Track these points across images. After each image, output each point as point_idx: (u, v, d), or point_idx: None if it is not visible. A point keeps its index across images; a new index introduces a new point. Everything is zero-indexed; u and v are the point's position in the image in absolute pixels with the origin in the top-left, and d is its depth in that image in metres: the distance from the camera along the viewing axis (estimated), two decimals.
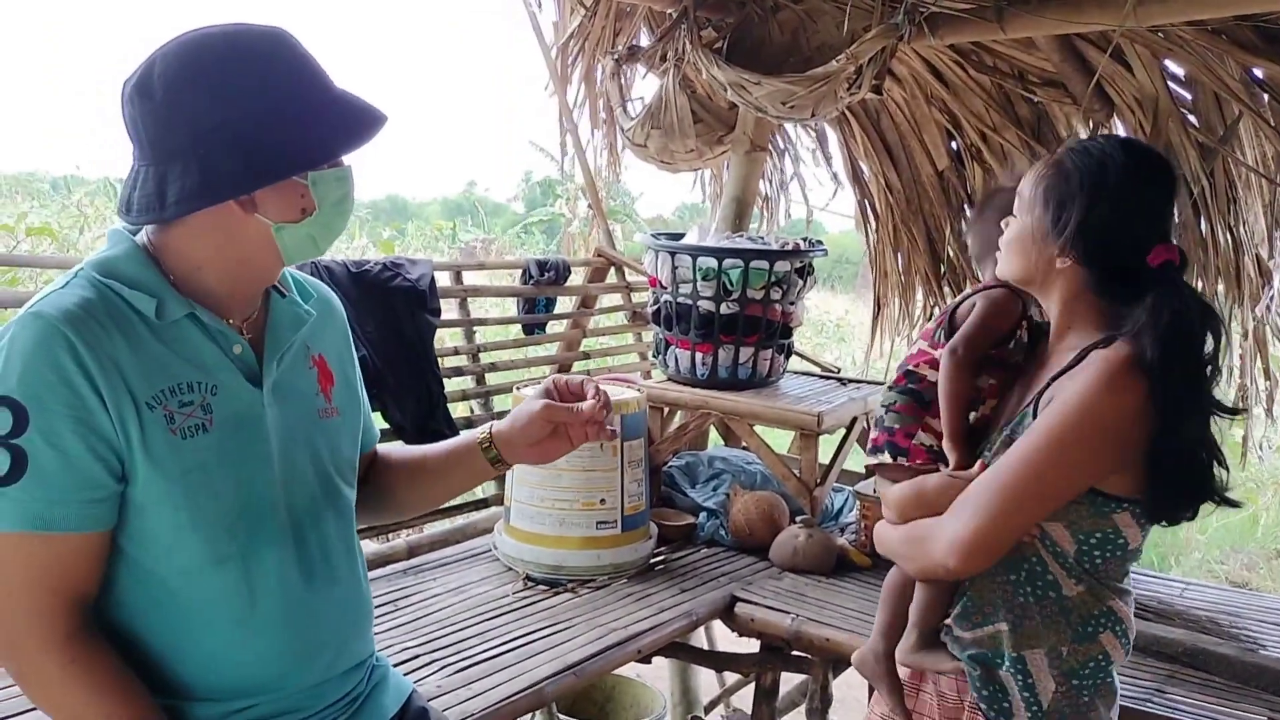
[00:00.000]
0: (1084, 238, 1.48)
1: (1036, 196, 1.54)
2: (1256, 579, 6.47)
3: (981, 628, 1.59)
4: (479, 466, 1.59)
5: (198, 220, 1.31)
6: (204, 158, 1.26)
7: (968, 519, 1.47)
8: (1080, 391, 1.42)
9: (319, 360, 1.52)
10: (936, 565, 1.51)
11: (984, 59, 3.55)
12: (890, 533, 1.67)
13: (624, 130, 3.85)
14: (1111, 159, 1.48)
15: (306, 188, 1.34)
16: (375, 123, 1.34)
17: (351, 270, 3.09)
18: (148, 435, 1.27)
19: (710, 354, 3.20)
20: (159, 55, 1.29)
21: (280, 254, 1.38)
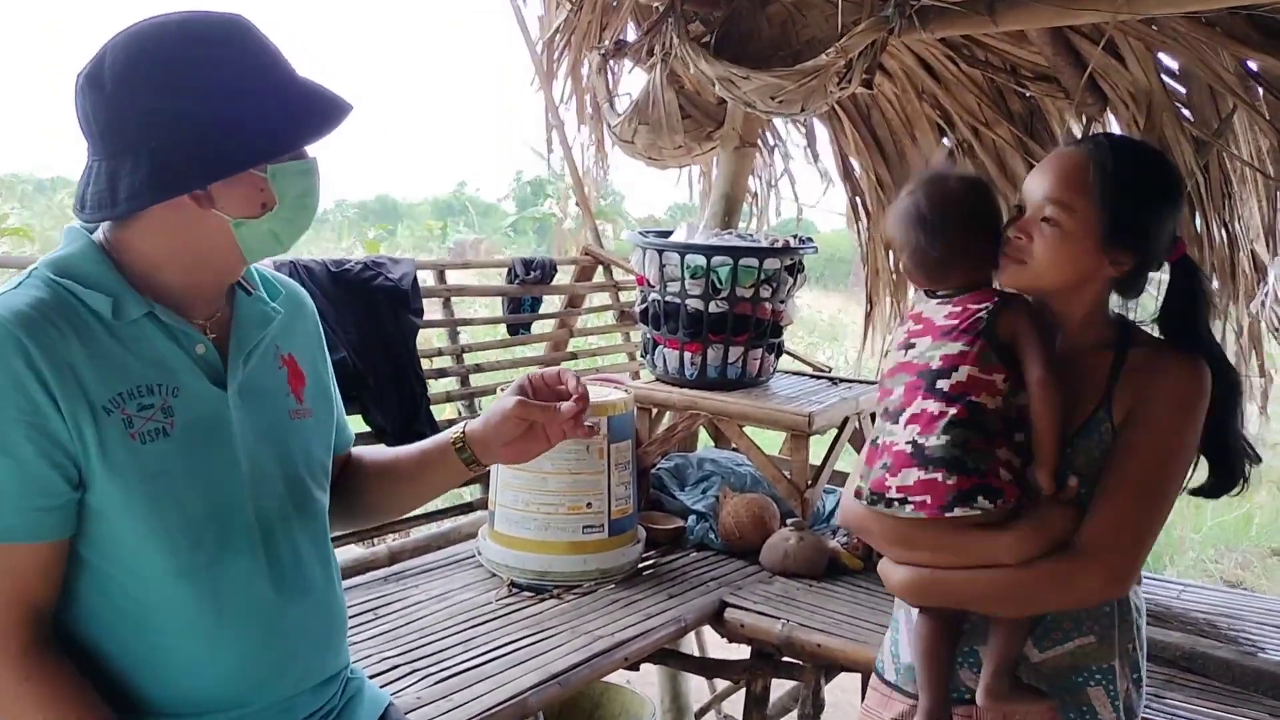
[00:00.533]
0: (1141, 238, 1.48)
1: (1089, 199, 1.47)
2: (1251, 578, 6.45)
3: (1061, 645, 1.53)
4: (453, 468, 1.54)
5: (153, 216, 1.26)
6: (155, 151, 1.21)
7: (1122, 537, 1.45)
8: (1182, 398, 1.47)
9: (288, 359, 1.46)
10: (1095, 594, 1.48)
11: (975, 53, 3.50)
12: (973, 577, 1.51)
13: (611, 127, 3.79)
14: (1148, 157, 1.52)
15: (266, 181, 1.28)
16: (339, 112, 1.29)
17: (331, 270, 3.03)
18: (105, 440, 1.22)
19: (699, 353, 3.14)
20: (110, 46, 1.24)
21: (241, 251, 1.32)
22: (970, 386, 1.50)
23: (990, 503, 1.46)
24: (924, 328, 1.58)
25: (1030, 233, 1.51)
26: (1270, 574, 6.55)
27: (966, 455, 1.46)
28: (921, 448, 1.49)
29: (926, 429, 1.49)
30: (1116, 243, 1.48)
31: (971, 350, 1.51)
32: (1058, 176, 1.50)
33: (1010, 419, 1.50)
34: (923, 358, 1.55)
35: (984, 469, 1.47)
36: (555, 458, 2.72)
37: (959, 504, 1.46)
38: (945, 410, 1.49)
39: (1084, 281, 1.52)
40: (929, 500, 1.48)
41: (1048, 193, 1.50)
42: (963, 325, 1.53)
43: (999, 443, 1.48)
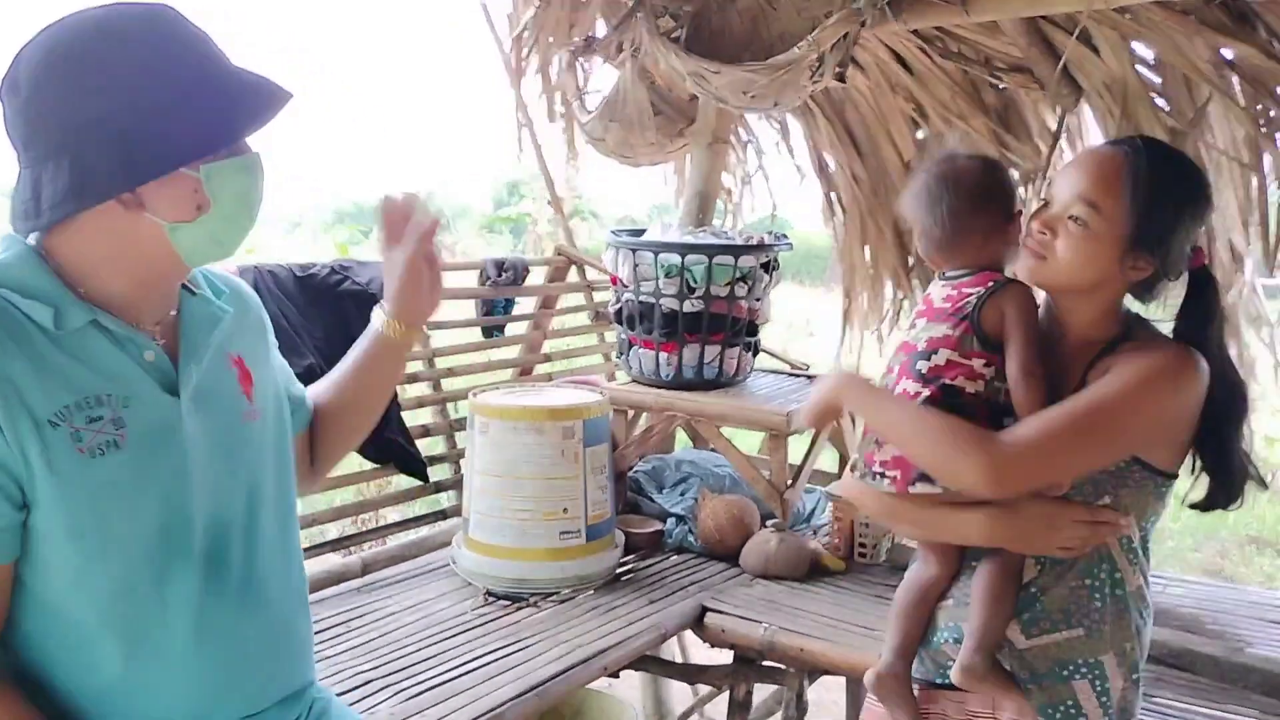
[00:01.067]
0: (1164, 246, 1.47)
1: (1120, 202, 1.46)
2: (1229, 566, 6.47)
3: (1050, 635, 1.53)
4: (393, 347, 1.52)
5: (84, 223, 1.20)
6: (75, 157, 1.15)
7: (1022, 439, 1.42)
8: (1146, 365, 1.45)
9: (238, 360, 1.41)
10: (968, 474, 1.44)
11: (949, 45, 3.47)
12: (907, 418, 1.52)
13: (582, 125, 3.74)
14: (1184, 165, 1.52)
15: (199, 181, 1.22)
16: (271, 103, 1.22)
17: (298, 274, 2.97)
18: (52, 456, 1.16)
19: (675, 354, 3.10)
20: (27, 48, 1.18)
21: (180, 256, 1.26)
22: (946, 369, 1.53)
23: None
24: (926, 308, 1.62)
25: (1055, 228, 1.50)
26: (1249, 562, 6.57)
27: None
28: None
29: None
30: (1139, 248, 1.47)
31: (953, 334, 1.55)
32: (1090, 175, 1.49)
33: (995, 403, 1.52)
34: (915, 338, 1.59)
35: None
36: (530, 463, 2.67)
37: (921, 480, 1.51)
38: (920, 391, 1.53)
39: (1100, 284, 1.52)
40: (899, 475, 1.54)
41: (1078, 190, 1.48)
42: (953, 308, 1.56)
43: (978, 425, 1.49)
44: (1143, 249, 1.47)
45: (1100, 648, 1.52)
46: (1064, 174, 1.53)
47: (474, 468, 2.76)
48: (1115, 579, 1.52)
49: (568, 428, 2.69)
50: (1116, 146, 1.51)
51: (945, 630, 1.62)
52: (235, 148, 1.25)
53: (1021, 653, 1.54)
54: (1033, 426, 1.44)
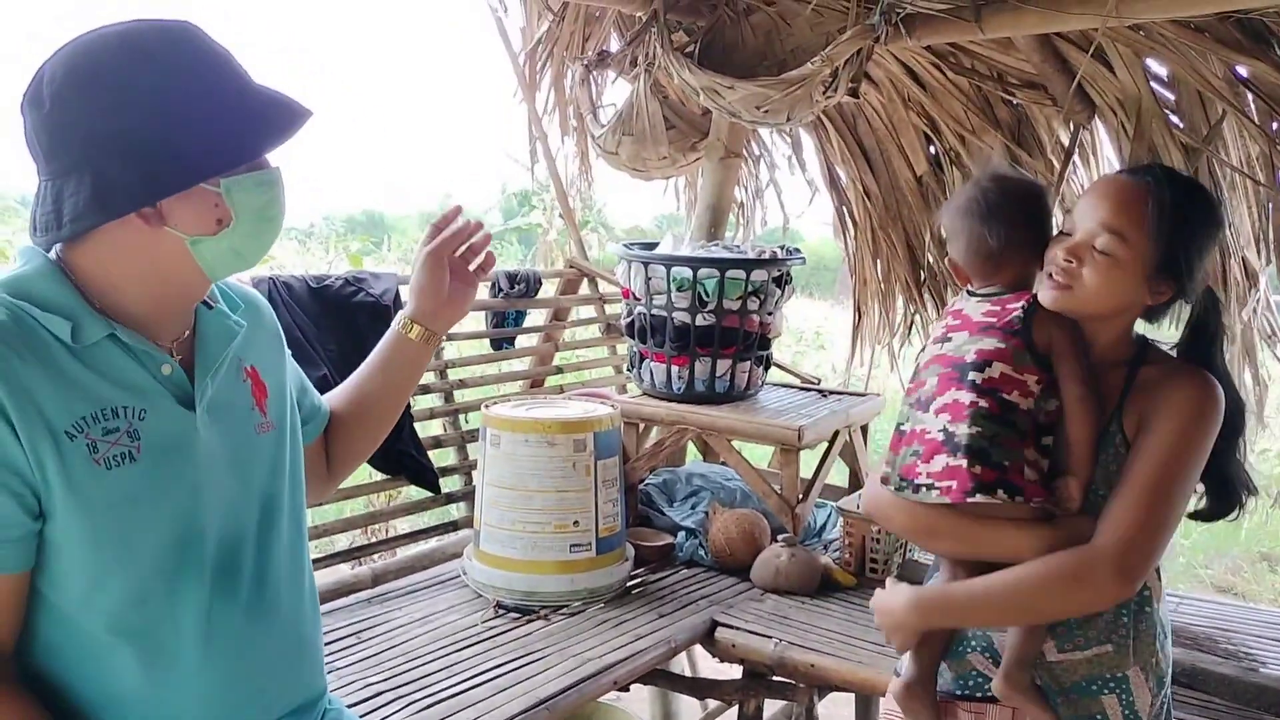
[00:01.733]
0: (1186, 273, 1.51)
1: (1146, 231, 1.49)
2: (1241, 583, 6.43)
3: (1082, 651, 1.54)
4: (413, 352, 1.56)
5: (104, 237, 1.21)
6: (97, 170, 1.16)
7: (1133, 536, 1.44)
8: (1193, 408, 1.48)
9: (251, 372, 1.42)
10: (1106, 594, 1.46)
11: (962, 60, 3.47)
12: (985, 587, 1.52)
13: (595, 138, 3.75)
14: (1204, 193, 1.55)
15: (219, 196, 1.23)
16: (292, 120, 1.23)
17: (312, 286, 2.98)
18: (68, 467, 1.17)
19: (686, 367, 3.10)
20: (49, 63, 1.19)
21: (202, 269, 1.26)
22: (1002, 383, 1.53)
23: (1009, 497, 1.48)
24: (961, 323, 1.62)
25: (1081, 257, 1.51)
26: (1260, 579, 6.53)
27: (993, 448, 1.50)
28: (952, 435, 1.52)
29: (957, 418, 1.52)
30: (1163, 275, 1.51)
31: (1006, 347, 1.54)
32: (1115, 205, 1.51)
33: (1039, 422, 1.54)
34: (958, 351, 1.58)
35: (1007, 464, 1.49)
36: (541, 475, 2.67)
37: (981, 491, 1.48)
38: (976, 401, 1.52)
39: (1127, 309, 1.56)
40: (954, 486, 1.50)
41: (1104, 220, 1.50)
42: (999, 323, 1.57)
43: (1027, 443, 1.51)
44: (1166, 276, 1.51)
45: (1126, 662, 1.53)
46: (1086, 203, 1.55)
47: (485, 479, 2.76)
48: (1144, 595, 1.54)
49: (579, 440, 2.70)
50: (1137, 176, 1.54)
51: (974, 640, 1.62)
52: (256, 162, 1.26)
53: (1051, 665, 1.55)
54: (1128, 516, 1.46)
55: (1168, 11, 2.63)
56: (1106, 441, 1.53)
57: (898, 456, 1.60)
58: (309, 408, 1.55)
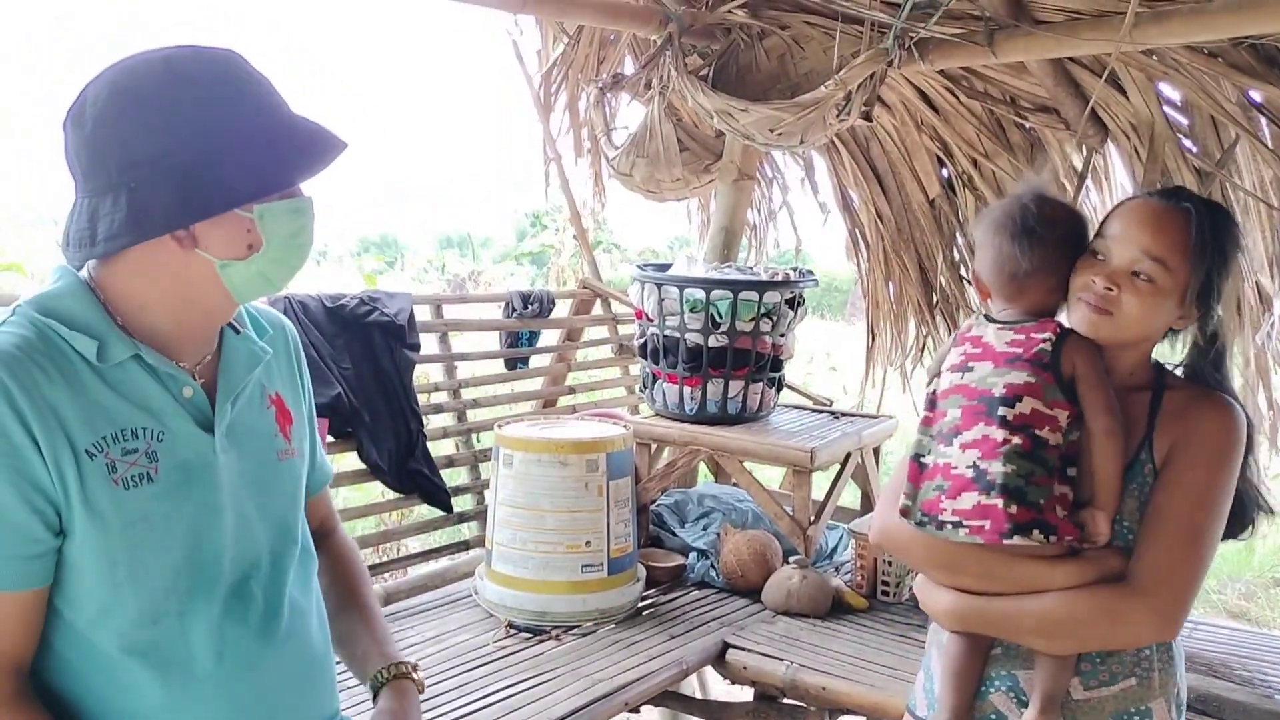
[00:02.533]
0: (1217, 299, 1.51)
1: (1187, 260, 1.47)
2: (1255, 608, 6.38)
3: (1108, 687, 1.52)
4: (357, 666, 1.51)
5: (136, 257, 1.22)
6: (134, 191, 1.17)
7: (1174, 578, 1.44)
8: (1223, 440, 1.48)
9: (276, 399, 1.43)
10: (1146, 635, 1.47)
11: (975, 84, 3.48)
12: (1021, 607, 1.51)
13: (609, 159, 3.77)
14: (1229, 219, 1.54)
15: (252, 222, 1.24)
16: (328, 151, 1.25)
17: (328, 305, 3.00)
18: (87, 486, 1.18)
19: (699, 388, 3.10)
20: (94, 83, 1.21)
21: (230, 293, 1.28)
22: (1034, 419, 1.49)
23: (1045, 537, 1.45)
24: (983, 352, 1.57)
25: (1119, 284, 1.48)
26: (1274, 604, 6.48)
27: (1028, 487, 1.46)
28: (984, 473, 1.48)
29: (988, 455, 1.48)
30: (1197, 302, 1.50)
31: (1036, 382, 1.50)
32: (1157, 231, 1.48)
33: (1065, 455, 1.50)
34: (984, 383, 1.53)
35: (1042, 503, 1.46)
36: (553, 495, 2.68)
37: (1017, 533, 1.45)
38: (1009, 439, 1.48)
39: (1155, 335, 1.55)
40: (988, 526, 1.47)
41: (1146, 247, 1.47)
42: (1026, 355, 1.52)
43: (1056, 478, 1.48)
44: (1199, 303, 1.50)
45: (1150, 694, 1.51)
46: (1121, 227, 1.52)
47: (497, 499, 2.77)
48: None
49: (591, 460, 2.70)
50: (1172, 202, 1.51)
51: (996, 680, 1.58)
52: (289, 190, 1.27)
53: (1078, 704, 1.52)
54: (1166, 558, 1.45)
55: (1181, 36, 2.64)
56: (1134, 470, 1.50)
57: (919, 490, 1.56)
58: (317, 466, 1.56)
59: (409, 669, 1.49)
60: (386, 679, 1.47)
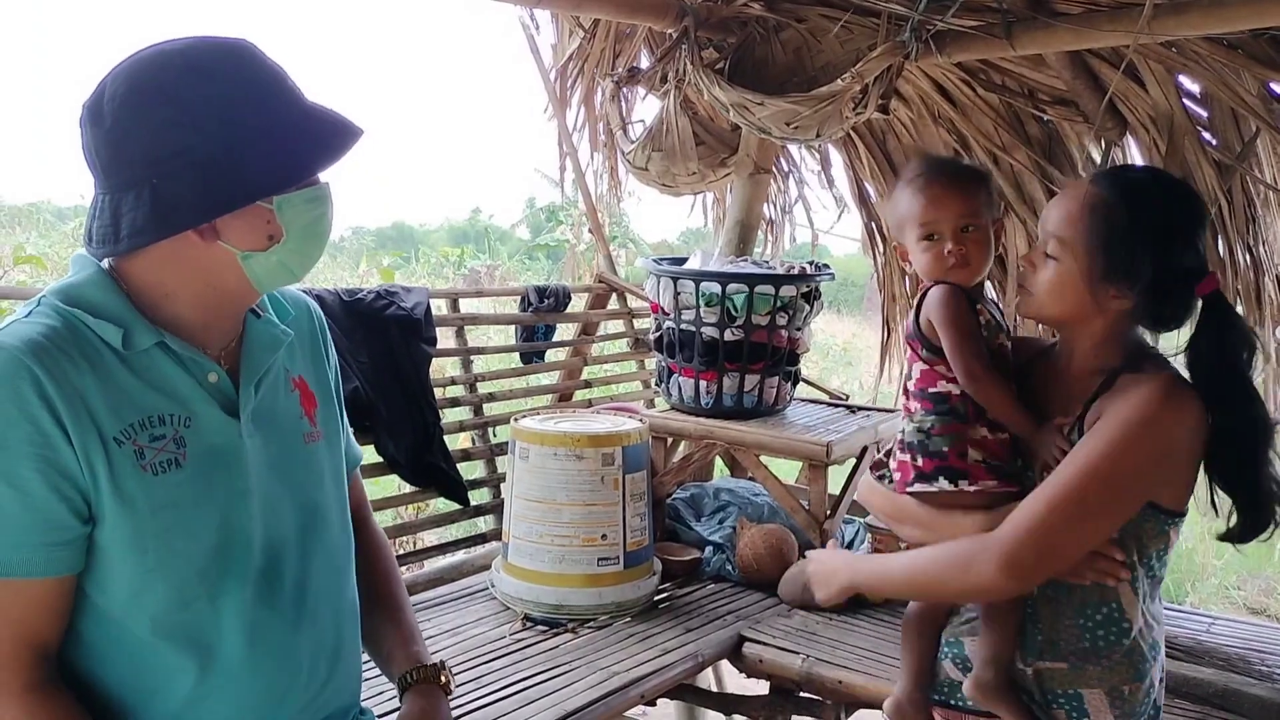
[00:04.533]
0: (1132, 278, 1.45)
1: (1081, 238, 1.47)
2: (1275, 604, 6.34)
3: (1040, 662, 1.55)
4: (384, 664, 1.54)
5: (157, 249, 1.23)
6: (156, 187, 1.18)
7: (1023, 531, 1.42)
8: (1129, 413, 1.42)
9: (300, 382, 1.44)
10: (986, 583, 1.44)
11: (992, 77, 3.47)
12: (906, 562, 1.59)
13: (624, 153, 3.77)
14: (1153, 193, 1.48)
15: (272, 213, 1.25)
16: (345, 139, 1.25)
17: (344, 299, 3.01)
18: (116, 473, 1.19)
19: (715, 382, 3.10)
20: (111, 77, 1.22)
21: (251, 283, 1.29)
22: (924, 380, 1.62)
23: (950, 482, 1.56)
24: None
25: (1035, 263, 1.55)
26: None
27: (929, 439, 1.59)
28: (903, 432, 1.64)
29: (906, 418, 1.65)
30: (1107, 281, 1.47)
31: (911, 351, 1.66)
32: (1060, 212, 1.52)
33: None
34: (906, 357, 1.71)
35: (945, 451, 1.57)
36: (569, 488, 2.68)
37: (919, 481, 1.59)
38: (914, 406, 1.63)
39: (1086, 315, 1.52)
40: (898, 477, 1.63)
41: (1048, 225, 1.53)
42: (906, 326, 1.67)
43: (971, 422, 1.57)
44: (1111, 281, 1.46)
45: (1080, 681, 1.52)
46: (1047, 208, 1.57)
47: (514, 492, 2.77)
48: (1114, 618, 1.51)
49: (608, 454, 2.70)
50: (1091, 180, 1.53)
51: (945, 648, 1.66)
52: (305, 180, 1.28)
53: (1023, 673, 1.56)
54: (1029, 510, 1.43)
55: (1200, 28, 2.62)
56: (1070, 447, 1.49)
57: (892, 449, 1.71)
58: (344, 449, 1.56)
59: (436, 671, 1.50)
60: (413, 681, 1.48)
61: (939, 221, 1.61)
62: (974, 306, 1.61)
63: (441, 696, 1.49)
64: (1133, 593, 1.50)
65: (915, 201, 1.62)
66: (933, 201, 1.61)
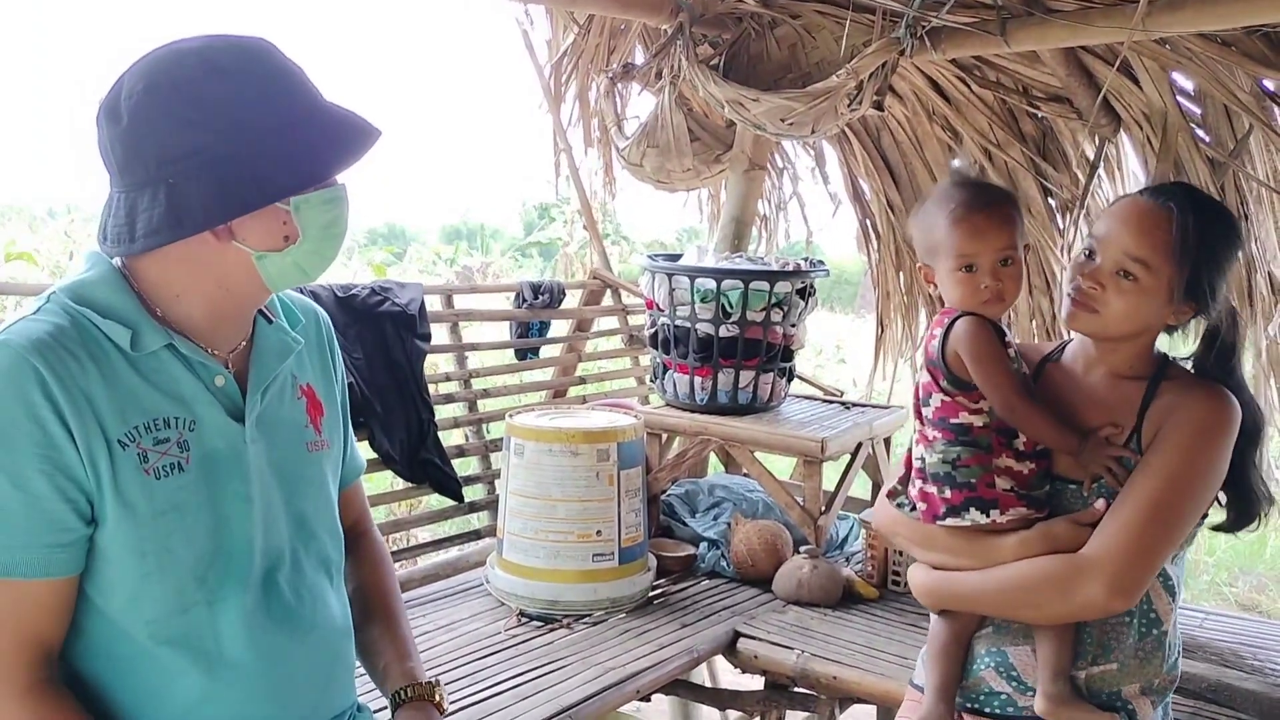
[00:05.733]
0: (1211, 296, 1.52)
1: (1169, 261, 1.49)
2: (1266, 601, 6.36)
3: (1090, 667, 1.57)
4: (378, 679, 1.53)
5: (171, 249, 1.22)
6: (172, 187, 1.17)
7: (1126, 548, 1.45)
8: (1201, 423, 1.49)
9: (307, 390, 1.43)
10: (1094, 602, 1.47)
11: (987, 74, 3.47)
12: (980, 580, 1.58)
13: (619, 150, 3.77)
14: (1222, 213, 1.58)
15: (288, 214, 1.24)
16: (363, 140, 1.24)
17: (339, 295, 3.00)
18: (119, 475, 1.19)
19: (709, 378, 3.11)
20: (128, 75, 1.21)
21: (264, 283, 1.28)
22: (946, 411, 1.60)
23: (983, 514, 1.55)
24: (924, 346, 1.68)
25: (1104, 283, 1.53)
26: None
27: (955, 471, 1.57)
28: (924, 461, 1.63)
29: (925, 446, 1.63)
30: (1188, 299, 1.52)
31: (932, 380, 1.62)
32: (1139, 231, 1.51)
33: (1006, 429, 1.57)
34: (918, 381, 1.68)
35: (973, 483, 1.56)
36: (564, 484, 2.68)
37: (950, 515, 1.58)
38: (934, 435, 1.61)
39: (1152, 332, 1.57)
40: (925, 509, 1.62)
41: (1127, 248, 1.51)
42: (927, 353, 1.63)
43: (996, 453, 1.56)
44: (1190, 299, 1.52)
45: (1127, 680, 1.56)
46: (1112, 226, 1.55)
47: (509, 488, 2.77)
48: (1151, 617, 1.56)
49: (603, 450, 2.70)
50: (1160, 200, 1.53)
51: (986, 657, 1.64)
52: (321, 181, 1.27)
53: (1081, 682, 1.57)
54: (1125, 528, 1.47)
55: (1194, 25, 2.63)
56: (1124, 463, 1.53)
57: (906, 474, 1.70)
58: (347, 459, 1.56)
59: (431, 689, 1.50)
60: (407, 699, 1.48)
61: (978, 255, 1.57)
62: (1003, 338, 1.60)
63: (435, 714, 1.48)
64: (1162, 588, 1.56)
65: (954, 232, 1.57)
66: (973, 234, 1.56)
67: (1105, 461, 1.52)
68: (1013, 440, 1.57)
